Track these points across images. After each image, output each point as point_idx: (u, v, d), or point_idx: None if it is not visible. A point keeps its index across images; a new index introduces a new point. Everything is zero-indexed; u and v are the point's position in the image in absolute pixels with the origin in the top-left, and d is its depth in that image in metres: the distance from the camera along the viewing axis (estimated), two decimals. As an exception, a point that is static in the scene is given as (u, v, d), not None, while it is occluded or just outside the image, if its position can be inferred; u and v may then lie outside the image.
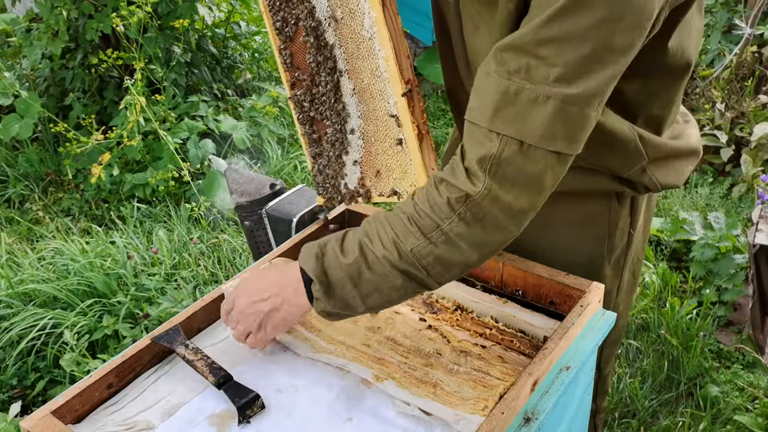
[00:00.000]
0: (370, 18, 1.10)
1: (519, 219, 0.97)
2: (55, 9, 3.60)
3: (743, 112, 3.59)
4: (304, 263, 1.05)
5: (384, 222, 1.01)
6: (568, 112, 0.90)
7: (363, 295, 1.01)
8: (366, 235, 1.02)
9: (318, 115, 1.28)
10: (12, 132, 3.81)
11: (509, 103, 0.91)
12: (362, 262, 1.00)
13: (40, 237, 3.33)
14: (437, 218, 0.96)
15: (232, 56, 4.50)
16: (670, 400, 2.28)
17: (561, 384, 1.07)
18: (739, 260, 2.66)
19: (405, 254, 0.98)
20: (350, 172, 1.28)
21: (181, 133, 3.65)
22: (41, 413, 1.02)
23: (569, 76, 0.89)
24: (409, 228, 0.98)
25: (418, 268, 0.98)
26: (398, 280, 1.00)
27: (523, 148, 0.92)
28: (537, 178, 0.94)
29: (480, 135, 0.94)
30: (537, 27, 0.88)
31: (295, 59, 1.28)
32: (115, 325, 2.50)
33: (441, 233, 0.96)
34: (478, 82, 0.97)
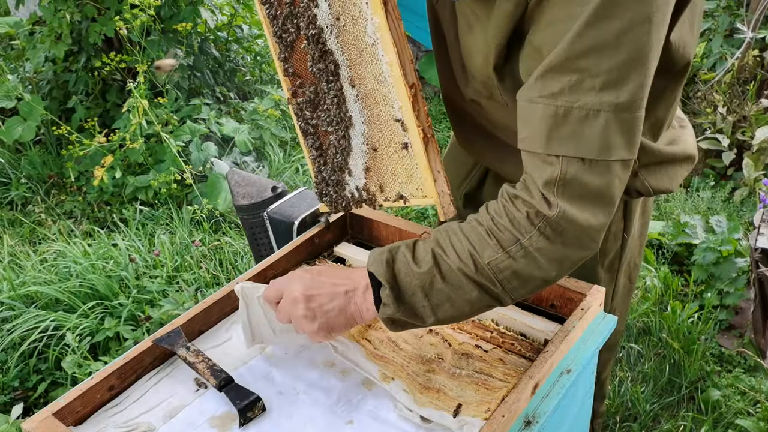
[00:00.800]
0: (373, 24, 1.10)
1: (597, 234, 0.97)
2: (59, 12, 3.62)
3: (745, 116, 3.59)
4: (374, 267, 1.01)
5: (459, 233, 0.99)
6: (621, 119, 0.91)
7: (434, 306, 0.99)
8: (439, 245, 0.99)
9: (320, 122, 1.28)
10: (15, 134, 3.82)
11: (561, 125, 0.92)
12: (436, 272, 0.98)
13: (42, 239, 3.33)
14: (517, 232, 0.95)
15: (235, 59, 4.51)
16: (671, 404, 2.27)
17: (562, 387, 1.07)
18: (741, 264, 2.66)
19: (481, 267, 0.96)
20: (354, 178, 1.28)
21: (183, 136, 3.66)
22: (43, 415, 1.02)
23: (613, 83, 0.89)
24: (488, 241, 0.96)
25: (493, 282, 0.97)
26: (473, 293, 0.98)
27: (586, 164, 0.92)
28: (606, 190, 0.94)
29: (539, 161, 0.94)
30: (570, 41, 0.88)
31: (295, 67, 1.28)
32: (117, 328, 2.51)
33: (520, 247, 0.95)
34: (523, 111, 0.97)
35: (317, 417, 1.05)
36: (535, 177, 0.95)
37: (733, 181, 3.49)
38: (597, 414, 1.67)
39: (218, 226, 3.34)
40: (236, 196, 1.74)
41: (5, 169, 3.95)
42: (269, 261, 1.36)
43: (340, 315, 1.05)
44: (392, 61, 1.11)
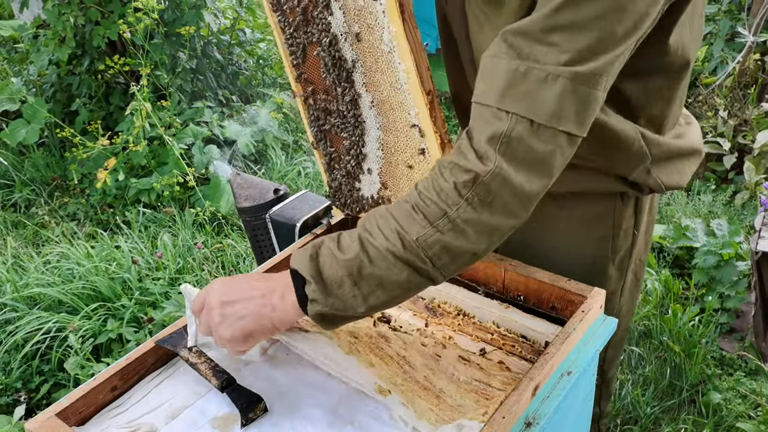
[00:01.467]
0: (390, 32, 1.11)
1: (527, 202, 0.96)
2: (63, 15, 3.64)
3: (746, 120, 3.60)
4: (297, 264, 0.99)
5: (385, 214, 0.97)
6: (578, 91, 0.91)
7: (365, 294, 0.96)
8: (365, 230, 0.97)
9: (334, 128, 1.29)
10: (19, 137, 3.84)
11: (519, 82, 0.91)
12: (363, 257, 0.95)
13: (45, 241, 3.35)
14: (444, 204, 0.93)
15: (237, 63, 4.53)
16: (672, 407, 2.27)
17: (562, 389, 1.08)
18: (742, 267, 2.66)
19: (409, 244, 0.94)
20: (369, 182, 1.29)
21: (186, 139, 3.67)
22: (46, 415, 1.03)
23: (578, 60, 0.90)
24: (414, 216, 0.94)
25: (423, 259, 0.94)
26: (402, 274, 0.95)
27: (533, 127, 0.91)
28: (546, 159, 0.93)
29: (489, 114, 0.93)
30: (548, 14, 0.90)
31: (308, 74, 1.29)
32: (120, 329, 2.52)
33: (448, 220, 0.93)
34: (485, 66, 0.97)
35: (319, 418, 1.06)
36: (480, 130, 0.93)
37: (734, 185, 3.49)
38: (603, 413, 1.67)
39: (220, 229, 3.35)
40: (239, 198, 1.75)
41: (9, 171, 3.97)
42: (271, 263, 1.37)
43: (256, 319, 1.02)
44: (409, 68, 1.11)
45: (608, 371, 1.58)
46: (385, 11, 1.10)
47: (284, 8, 1.26)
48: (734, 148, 3.54)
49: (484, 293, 1.31)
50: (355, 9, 1.14)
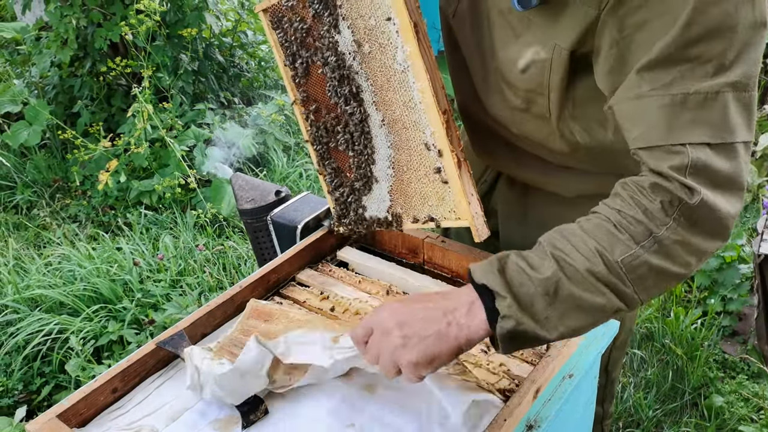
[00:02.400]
0: (404, 52, 1.10)
1: (731, 222, 0.91)
2: (65, 18, 3.64)
3: (748, 122, 3.59)
4: (484, 279, 0.92)
5: (578, 233, 0.91)
6: (739, 98, 0.89)
7: (559, 315, 0.89)
8: (556, 248, 0.91)
9: (339, 145, 1.28)
10: (21, 139, 3.84)
11: (679, 113, 0.88)
12: (562, 275, 0.89)
13: (47, 243, 3.35)
14: (651, 224, 0.88)
15: (239, 65, 4.54)
16: (674, 410, 2.27)
17: (564, 392, 1.08)
18: (744, 270, 2.65)
19: (612, 265, 0.88)
20: (378, 201, 1.28)
21: (187, 141, 3.68)
22: (47, 416, 1.03)
23: (726, 66, 0.88)
24: (618, 236, 0.88)
25: (624, 281, 0.88)
26: (602, 297, 0.89)
27: (712, 149, 0.88)
28: (736, 176, 0.90)
29: (662, 153, 0.89)
30: (678, 33, 0.87)
31: (311, 92, 1.28)
32: (121, 331, 2.52)
33: (654, 241, 0.88)
34: (630, 110, 0.93)
35: (320, 420, 1.06)
36: (662, 167, 0.89)
37: (737, 188, 3.49)
38: (607, 414, 1.66)
39: (222, 231, 3.35)
40: (240, 200, 1.75)
41: (11, 173, 3.98)
42: (272, 265, 1.37)
43: (441, 340, 0.92)
44: (424, 87, 1.11)
45: (612, 372, 1.57)
46: (398, 31, 1.09)
47: (285, 26, 1.26)
48: (736, 151, 3.54)
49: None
50: (366, 28, 1.13)
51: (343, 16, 1.15)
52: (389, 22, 1.10)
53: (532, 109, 1.14)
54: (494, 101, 1.21)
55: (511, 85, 1.14)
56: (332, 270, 1.42)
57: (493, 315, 0.91)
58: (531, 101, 1.13)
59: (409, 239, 1.43)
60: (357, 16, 1.13)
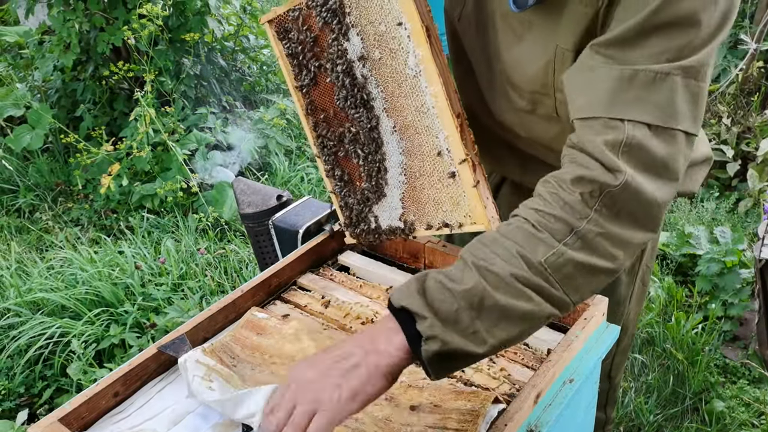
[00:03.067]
0: (416, 56, 1.10)
1: (659, 211, 0.88)
2: (68, 22, 3.66)
3: (749, 127, 3.60)
4: (404, 301, 0.85)
5: (498, 239, 0.87)
6: (689, 86, 0.87)
7: (487, 328, 0.83)
8: (477, 257, 0.86)
9: (349, 154, 1.28)
10: (23, 143, 3.85)
11: (626, 88, 0.87)
12: (485, 284, 0.83)
13: (49, 246, 3.35)
14: (571, 218, 0.85)
15: (241, 69, 4.55)
16: (675, 414, 2.27)
17: (564, 397, 1.08)
18: (745, 275, 2.65)
19: (536, 267, 0.83)
20: (389, 209, 1.27)
21: (189, 145, 3.68)
22: (48, 420, 1.03)
23: (681, 57, 0.88)
24: (538, 235, 0.84)
25: (552, 283, 0.84)
26: (529, 303, 0.83)
27: (651, 130, 0.86)
28: (671, 163, 0.87)
29: (600, 125, 0.87)
30: (645, 18, 0.87)
31: (318, 101, 1.28)
32: (122, 335, 2.52)
33: (576, 236, 0.84)
34: (579, 80, 0.93)
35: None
36: (593, 143, 0.86)
37: (738, 192, 3.49)
38: (609, 419, 1.67)
39: (223, 235, 3.36)
40: (242, 204, 1.75)
41: (13, 176, 3.99)
42: (274, 269, 1.37)
43: (361, 372, 0.85)
44: (437, 92, 1.10)
45: (615, 377, 1.57)
46: (410, 36, 1.09)
47: (291, 36, 1.25)
48: (737, 156, 3.54)
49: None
50: (376, 34, 1.13)
51: (352, 23, 1.14)
52: (400, 27, 1.10)
53: (539, 110, 1.14)
54: (500, 104, 1.21)
55: (516, 87, 1.14)
56: (333, 274, 1.43)
57: (417, 339, 0.84)
58: (537, 102, 1.13)
59: (410, 244, 1.43)
60: (367, 22, 1.13)
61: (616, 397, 1.65)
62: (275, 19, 1.27)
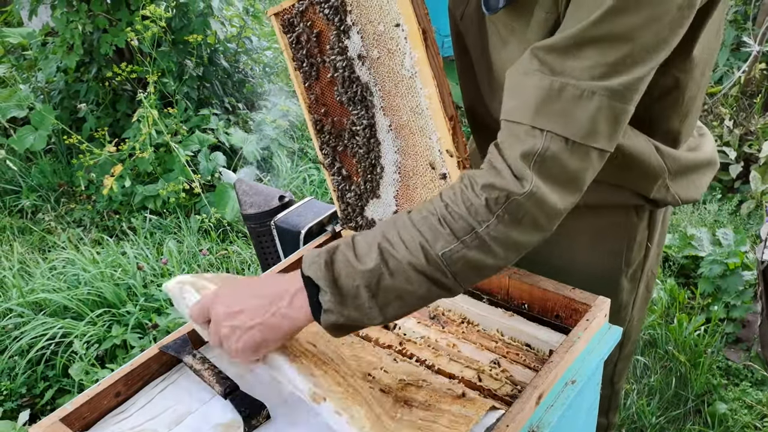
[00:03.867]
0: (412, 58, 1.11)
1: (556, 218, 0.94)
2: (71, 23, 3.67)
3: (752, 129, 3.59)
4: (310, 271, 0.94)
5: (407, 224, 0.94)
6: (612, 107, 0.90)
7: (381, 306, 0.93)
8: (385, 239, 0.93)
9: (347, 150, 1.29)
10: (26, 144, 3.87)
11: (554, 100, 0.90)
12: (383, 269, 0.91)
13: (51, 247, 3.36)
14: (473, 221, 0.91)
15: (243, 70, 4.56)
16: (677, 417, 2.26)
17: (566, 398, 1.07)
18: (748, 277, 2.64)
19: (433, 259, 0.91)
20: (384, 205, 1.28)
21: (192, 146, 3.69)
22: (50, 420, 1.03)
23: (612, 73, 0.89)
24: (440, 230, 0.91)
25: (445, 273, 0.92)
26: (422, 288, 0.93)
27: (568, 144, 0.90)
28: (578, 176, 0.92)
29: (522, 132, 0.91)
30: (583, 29, 0.89)
31: (320, 96, 1.29)
32: (124, 335, 2.52)
33: (476, 236, 0.91)
34: (514, 82, 0.95)
35: (322, 427, 1.06)
36: (512, 149, 0.91)
37: (740, 194, 3.48)
38: (612, 425, 1.66)
39: (226, 235, 3.36)
40: (244, 205, 1.76)
41: (16, 177, 3.99)
42: (276, 269, 1.37)
43: (265, 329, 0.98)
44: (432, 93, 1.11)
45: (617, 383, 1.57)
46: (407, 37, 1.10)
47: (297, 30, 1.27)
48: (740, 158, 3.53)
49: (488, 301, 1.31)
50: (375, 34, 1.14)
51: (353, 21, 1.16)
52: (398, 28, 1.11)
53: None
54: (498, 105, 1.22)
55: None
56: (335, 275, 1.43)
57: (317, 306, 0.94)
58: None
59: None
60: (366, 21, 1.15)
61: (618, 404, 1.64)
62: (281, 13, 1.28)
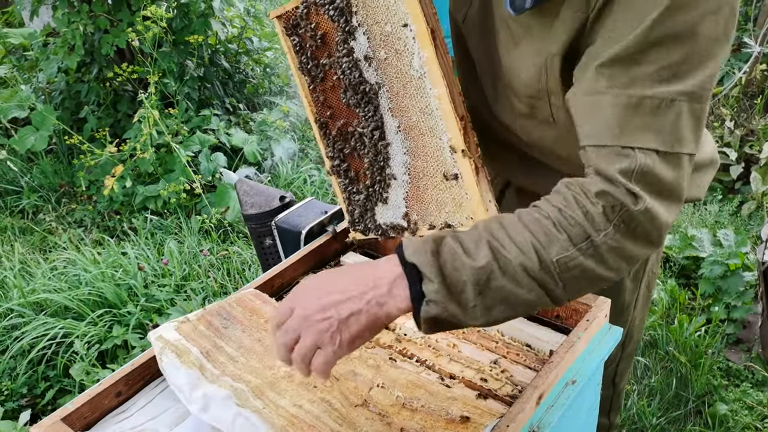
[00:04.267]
0: (421, 58, 1.10)
1: (665, 231, 0.92)
2: (72, 24, 3.67)
3: (752, 130, 3.59)
4: (416, 258, 0.88)
5: (518, 225, 0.90)
6: (693, 110, 0.90)
7: (487, 306, 0.88)
8: (494, 237, 0.89)
9: (354, 152, 1.28)
10: (28, 144, 3.87)
11: (632, 116, 0.89)
12: (495, 267, 0.87)
13: (52, 247, 3.36)
14: (590, 228, 0.88)
15: (244, 71, 4.56)
16: (678, 417, 2.26)
17: (567, 398, 1.08)
18: (748, 278, 2.64)
19: (546, 264, 0.87)
20: (393, 207, 1.27)
21: (192, 146, 3.69)
22: (51, 420, 1.03)
23: (684, 74, 0.88)
24: (556, 235, 0.88)
25: (556, 281, 0.88)
26: (532, 294, 0.88)
27: (660, 156, 0.89)
28: (677, 185, 0.91)
29: (612, 154, 0.89)
30: (642, 34, 0.88)
31: (325, 98, 1.28)
32: (125, 335, 2.52)
33: (591, 244, 0.88)
34: (584, 106, 0.94)
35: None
36: (610, 168, 0.89)
37: (741, 195, 3.48)
38: (613, 425, 1.66)
39: (226, 236, 3.36)
40: (244, 205, 1.76)
41: (17, 177, 4.00)
42: (276, 270, 1.37)
43: (364, 319, 0.88)
44: (442, 94, 1.10)
45: (619, 383, 1.57)
46: (415, 37, 1.09)
47: (300, 32, 1.26)
48: (741, 158, 3.53)
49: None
50: (381, 35, 1.13)
51: (359, 22, 1.15)
52: (405, 28, 1.10)
53: (537, 114, 1.14)
54: (502, 107, 1.21)
55: (515, 91, 1.14)
56: (336, 275, 1.43)
57: (419, 298, 0.87)
58: (534, 107, 1.13)
59: (412, 245, 1.43)
60: (373, 22, 1.13)
61: (619, 404, 1.64)
62: (284, 15, 1.27)
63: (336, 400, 1.06)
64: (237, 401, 1.04)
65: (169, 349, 1.12)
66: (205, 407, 1.04)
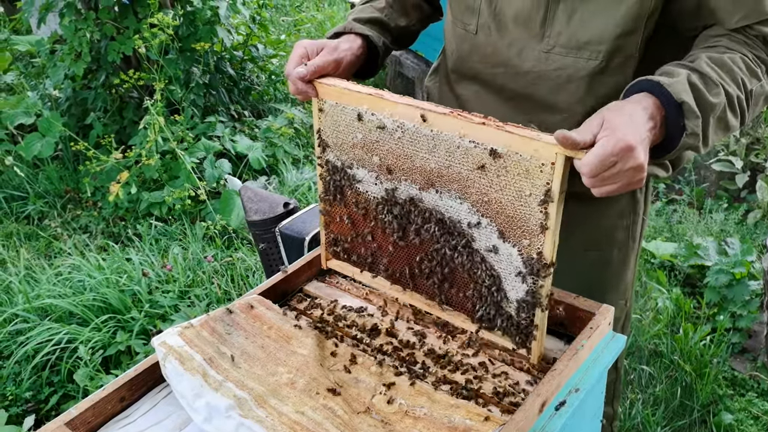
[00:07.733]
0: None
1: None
2: (79, 31, 3.70)
3: (758, 138, 3.58)
4: (686, 97, 1.00)
5: (727, 63, 1.06)
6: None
7: (713, 133, 1.06)
8: (720, 77, 1.05)
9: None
10: (34, 150, 3.89)
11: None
12: (726, 103, 1.04)
13: (57, 253, 3.37)
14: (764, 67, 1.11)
15: (249, 78, 4.58)
16: (683, 427, 2.25)
17: (570, 406, 1.07)
18: (754, 287, 2.63)
19: (748, 93, 1.07)
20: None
21: (198, 153, 3.71)
22: (55, 424, 1.04)
23: None
24: (754, 68, 1.08)
25: (749, 107, 1.08)
26: (736, 120, 1.07)
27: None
28: None
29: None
30: None
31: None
32: (129, 341, 2.53)
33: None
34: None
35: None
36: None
37: (747, 204, 3.47)
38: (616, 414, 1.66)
39: (231, 242, 3.37)
40: (249, 211, 1.76)
41: (23, 183, 4.02)
42: (280, 276, 1.38)
43: (643, 153, 0.97)
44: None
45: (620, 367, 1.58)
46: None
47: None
48: (746, 167, 3.52)
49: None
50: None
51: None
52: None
53: (614, 61, 1.17)
54: (538, 73, 1.24)
55: (588, 45, 1.18)
56: (339, 282, 1.43)
57: (678, 130, 1.02)
58: (616, 51, 1.16)
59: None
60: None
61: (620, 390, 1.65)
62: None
63: (338, 407, 1.05)
64: (240, 411, 1.04)
65: (172, 355, 1.12)
66: (208, 418, 1.04)
